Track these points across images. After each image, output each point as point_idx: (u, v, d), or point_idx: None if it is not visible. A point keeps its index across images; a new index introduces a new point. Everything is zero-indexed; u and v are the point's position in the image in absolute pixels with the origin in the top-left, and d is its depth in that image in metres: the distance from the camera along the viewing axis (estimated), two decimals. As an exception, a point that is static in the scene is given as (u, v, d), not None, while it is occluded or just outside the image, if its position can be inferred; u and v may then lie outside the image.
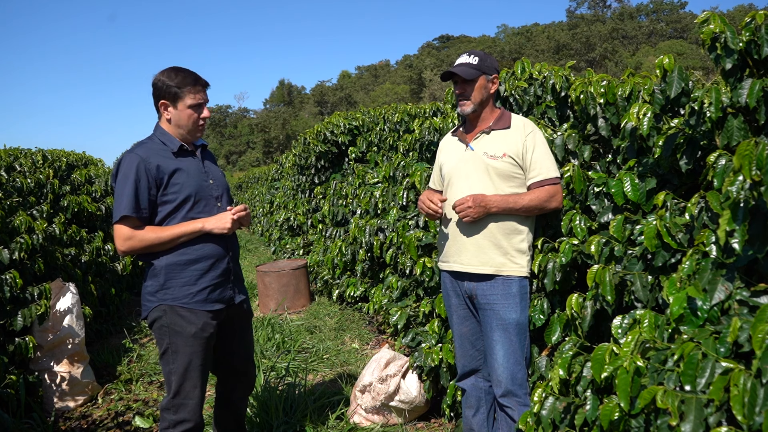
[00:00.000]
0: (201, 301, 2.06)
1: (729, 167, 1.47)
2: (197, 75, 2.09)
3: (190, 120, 2.09)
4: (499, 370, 2.10)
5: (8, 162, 4.51)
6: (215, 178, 2.20)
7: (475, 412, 2.32)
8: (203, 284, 2.07)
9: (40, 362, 3.27)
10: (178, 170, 2.06)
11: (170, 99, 2.07)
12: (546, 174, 2.09)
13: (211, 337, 2.12)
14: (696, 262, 1.50)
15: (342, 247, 4.79)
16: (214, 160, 2.31)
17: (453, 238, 2.19)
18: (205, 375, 2.12)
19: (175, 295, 2.04)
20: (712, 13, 1.65)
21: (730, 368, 1.20)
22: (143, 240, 2.00)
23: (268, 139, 50.16)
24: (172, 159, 2.08)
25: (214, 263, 2.10)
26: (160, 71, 2.09)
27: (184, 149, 2.13)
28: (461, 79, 2.16)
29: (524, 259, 2.12)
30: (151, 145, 2.09)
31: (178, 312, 2.04)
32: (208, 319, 2.09)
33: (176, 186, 2.05)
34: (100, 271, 4.93)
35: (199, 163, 2.16)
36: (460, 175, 2.19)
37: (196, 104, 2.07)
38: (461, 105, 2.19)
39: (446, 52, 59.82)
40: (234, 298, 2.20)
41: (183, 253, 2.05)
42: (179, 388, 2.08)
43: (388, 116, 5.68)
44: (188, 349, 2.06)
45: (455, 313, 2.29)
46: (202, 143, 2.23)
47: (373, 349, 4.24)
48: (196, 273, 2.06)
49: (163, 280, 2.05)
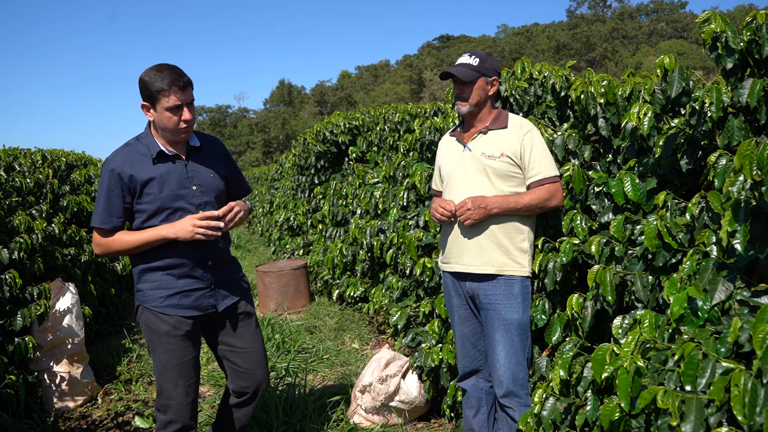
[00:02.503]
0: (172, 306, 2.04)
1: (730, 167, 1.46)
2: (178, 74, 1.94)
3: (170, 122, 1.97)
4: (501, 371, 2.10)
5: (8, 162, 4.51)
6: (202, 183, 2.08)
7: (476, 413, 2.32)
8: (174, 290, 2.04)
9: (40, 362, 3.26)
10: (152, 180, 2.00)
11: (149, 101, 1.97)
12: (545, 173, 2.10)
13: (189, 336, 2.08)
14: (696, 262, 1.50)
15: (342, 247, 4.78)
16: (214, 159, 2.18)
17: (454, 239, 2.19)
18: (185, 375, 2.07)
19: (147, 298, 2.05)
20: (712, 12, 1.64)
21: (730, 368, 1.20)
22: (110, 247, 2.03)
23: (267, 139, 50.18)
24: (149, 166, 2.01)
25: (188, 270, 2.05)
26: (145, 69, 1.99)
27: (165, 154, 2.04)
28: (460, 79, 2.16)
29: (526, 258, 2.12)
30: (131, 149, 2.04)
31: (152, 311, 2.05)
32: (183, 319, 2.06)
33: (149, 196, 2.00)
34: (99, 271, 4.92)
35: (182, 169, 2.06)
36: (459, 176, 2.19)
37: (173, 106, 1.94)
38: (458, 105, 2.20)
39: (446, 52, 59.82)
40: (216, 305, 2.13)
41: (153, 258, 2.03)
42: (160, 387, 2.07)
43: (388, 116, 5.67)
44: (163, 347, 2.05)
45: (456, 313, 2.29)
46: (194, 144, 2.12)
47: (373, 349, 4.23)
48: (167, 278, 2.04)
49: (138, 283, 2.08)
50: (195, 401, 2.13)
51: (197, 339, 2.16)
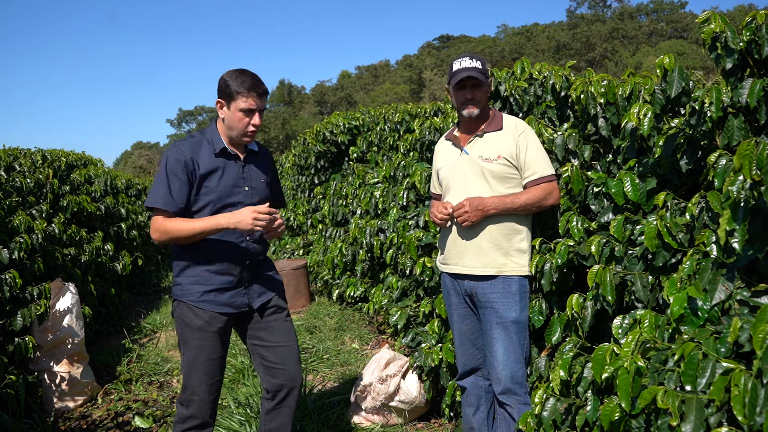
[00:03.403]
0: (208, 302, 2.09)
1: (729, 167, 1.46)
2: (258, 81, 2.05)
3: (240, 124, 2.06)
4: (499, 368, 2.10)
5: (8, 162, 4.51)
6: (254, 186, 2.17)
7: (476, 411, 2.32)
8: (212, 286, 2.09)
9: (40, 362, 3.26)
10: (212, 172, 2.08)
11: (225, 99, 2.07)
12: (541, 172, 2.12)
13: (220, 333, 2.12)
14: (696, 262, 1.50)
15: (342, 247, 4.78)
16: (265, 167, 2.25)
17: (453, 241, 2.20)
18: (211, 372, 2.11)
19: (185, 292, 2.10)
20: (712, 12, 1.65)
21: (730, 368, 1.20)
22: (168, 231, 2.03)
23: (267, 139, 50.18)
24: (211, 159, 2.09)
25: (226, 268, 2.11)
26: (228, 70, 2.10)
27: (227, 152, 2.12)
28: (473, 83, 2.16)
29: (524, 258, 2.13)
30: (197, 141, 2.12)
31: (188, 305, 2.10)
32: (217, 315, 2.10)
33: (206, 188, 2.08)
34: (99, 271, 4.93)
35: (239, 169, 2.14)
36: (457, 180, 2.20)
37: (247, 109, 2.04)
38: (470, 108, 2.18)
39: (446, 52, 59.81)
40: (251, 303, 2.18)
41: (196, 253, 2.08)
42: (186, 382, 2.10)
43: (388, 116, 5.67)
44: (195, 341, 2.09)
45: (455, 311, 2.30)
46: (253, 149, 2.20)
47: (373, 349, 4.24)
48: (206, 274, 2.09)
49: (177, 276, 2.13)
50: (216, 400, 2.16)
51: (227, 338, 2.19)
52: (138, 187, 7.86)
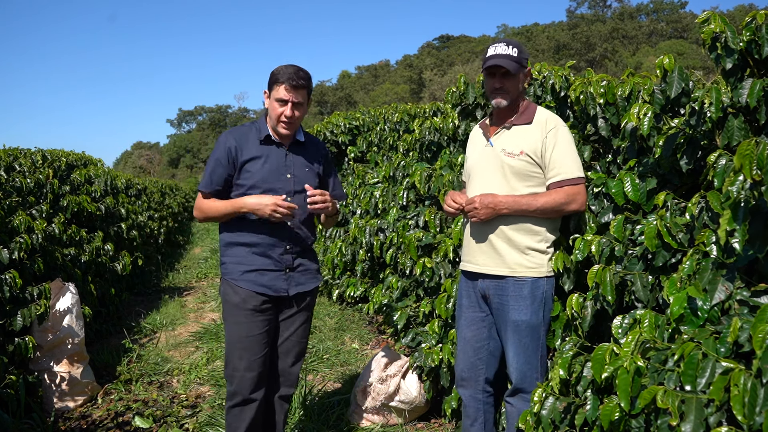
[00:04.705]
0: (248, 281, 2.17)
1: (729, 167, 1.46)
2: (296, 74, 2.12)
3: (274, 112, 2.15)
4: (510, 369, 2.10)
5: (8, 162, 4.50)
6: (297, 174, 2.22)
7: (473, 422, 2.26)
8: (252, 267, 2.17)
9: (40, 362, 3.26)
10: (255, 158, 2.17)
11: (268, 88, 2.18)
12: (566, 173, 1.99)
13: (259, 312, 2.17)
14: (696, 262, 1.50)
15: (342, 247, 4.78)
16: (312, 157, 2.29)
17: (468, 238, 2.16)
18: (250, 348, 2.15)
19: (228, 270, 2.21)
20: (712, 12, 1.65)
21: (730, 368, 1.20)
22: (204, 210, 2.21)
23: (267, 139, 50.13)
24: (256, 146, 2.19)
25: (266, 250, 2.18)
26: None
27: (271, 139, 2.21)
28: (502, 71, 2.02)
29: (542, 258, 2.03)
30: (246, 129, 2.24)
31: (229, 283, 2.20)
32: (254, 294, 2.16)
33: (248, 173, 2.17)
34: (99, 271, 4.92)
35: (282, 157, 2.22)
36: (477, 172, 2.14)
37: (281, 99, 2.12)
38: (497, 98, 2.06)
39: (446, 52, 59.82)
40: (288, 290, 2.22)
41: (238, 233, 2.19)
42: (228, 358, 2.18)
43: (388, 116, 5.67)
44: (233, 318, 2.18)
45: (464, 314, 2.23)
46: (299, 139, 2.26)
47: (373, 349, 4.24)
48: (248, 255, 2.18)
49: (223, 256, 2.25)
50: (259, 376, 2.19)
51: (269, 318, 2.22)
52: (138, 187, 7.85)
